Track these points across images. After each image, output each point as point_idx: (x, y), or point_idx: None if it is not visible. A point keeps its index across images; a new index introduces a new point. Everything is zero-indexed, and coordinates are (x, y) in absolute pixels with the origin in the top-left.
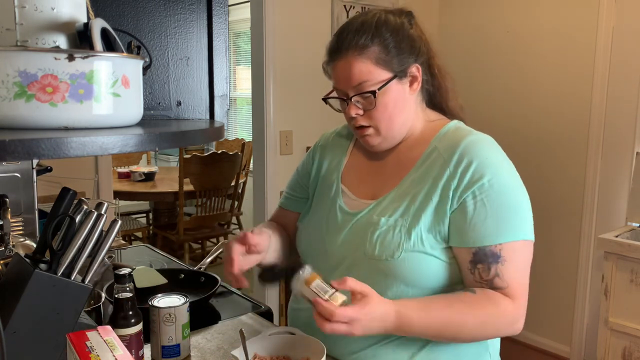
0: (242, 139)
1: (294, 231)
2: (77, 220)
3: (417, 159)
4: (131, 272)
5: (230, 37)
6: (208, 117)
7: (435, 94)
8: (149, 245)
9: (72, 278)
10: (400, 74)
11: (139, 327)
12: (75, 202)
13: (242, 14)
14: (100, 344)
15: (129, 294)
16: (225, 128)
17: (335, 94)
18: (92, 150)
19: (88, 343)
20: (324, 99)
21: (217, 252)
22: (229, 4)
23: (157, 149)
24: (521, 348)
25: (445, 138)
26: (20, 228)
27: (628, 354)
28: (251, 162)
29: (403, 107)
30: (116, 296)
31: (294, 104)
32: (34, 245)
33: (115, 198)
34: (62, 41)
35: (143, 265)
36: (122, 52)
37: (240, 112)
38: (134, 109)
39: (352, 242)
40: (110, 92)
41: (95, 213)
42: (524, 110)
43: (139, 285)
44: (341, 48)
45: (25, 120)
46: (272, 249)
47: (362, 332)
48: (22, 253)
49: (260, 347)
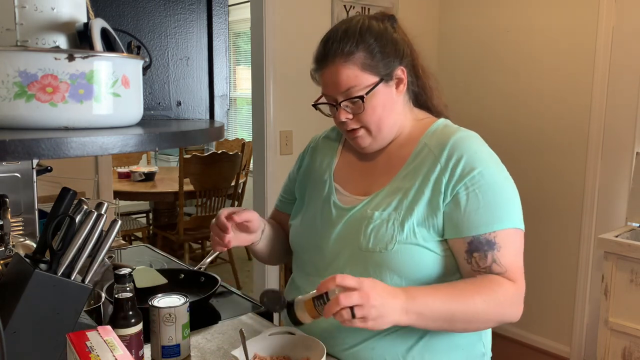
0: (242, 139)
1: (287, 230)
2: (77, 220)
3: (408, 157)
4: (131, 272)
5: (230, 37)
6: (208, 117)
7: (421, 94)
8: (149, 245)
9: (72, 278)
10: (386, 77)
11: (139, 327)
12: (75, 202)
13: (242, 14)
14: (100, 344)
15: (129, 294)
16: (225, 128)
17: (324, 100)
18: (92, 150)
19: (88, 343)
20: (314, 105)
21: (217, 252)
22: (229, 4)
23: (157, 149)
24: (521, 348)
25: (434, 135)
26: (20, 228)
27: (628, 354)
28: (251, 162)
29: (391, 109)
30: (116, 296)
31: (294, 104)
32: (34, 245)
33: (115, 198)
34: (62, 41)
35: (143, 265)
36: (122, 52)
37: (240, 112)
38: (134, 109)
39: (347, 236)
40: (110, 92)
41: (95, 213)
42: (524, 110)
43: (139, 285)
44: (328, 56)
45: (25, 120)
46: (265, 236)
47: (380, 307)
48: (22, 253)
49: (260, 347)
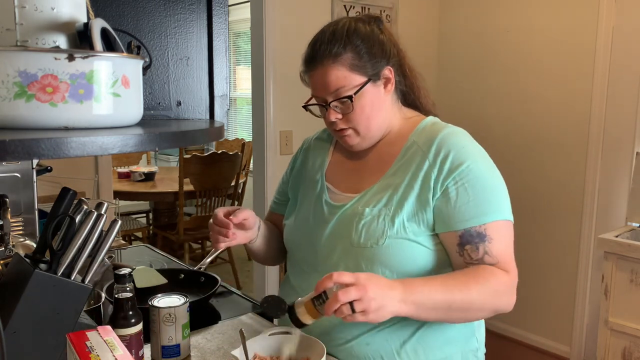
0: (242, 139)
1: (282, 232)
2: (77, 220)
3: (397, 154)
4: (131, 272)
5: (230, 37)
6: (208, 117)
7: (409, 93)
8: (149, 245)
9: (72, 278)
10: (374, 77)
11: (139, 327)
12: (75, 202)
13: (242, 14)
14: (100, 344)
15: (129, 294)
16: (225, 128)
17: (314, 101)
18: (92, 150)
19: (88, 343)
20: (304, 106)
21: (217, 252)
22: (229, 4)
23: (157, 149)
24: (521, 348)
25: (422, 133)
26: (20, 228)
27: (628, 354)
28: (251, 162)
29: (380, 108)
30: (116, 296)
31: (294, 104)
32: (34, 245)
33: (115, 198)
34: (62, 41)
35: (143, 265)
36: (122, 52)
37: (240, 112)
38: (134, 109)
39: (339, 233)
40: (110, 92)
41: (95, 213)
42: (523, 110)
43: (139, 285)
44: (316, 57)
45: (25, 120)
46: (261, 234)
47: (378, 298)
48: (22, 253)
49: (260, 347)
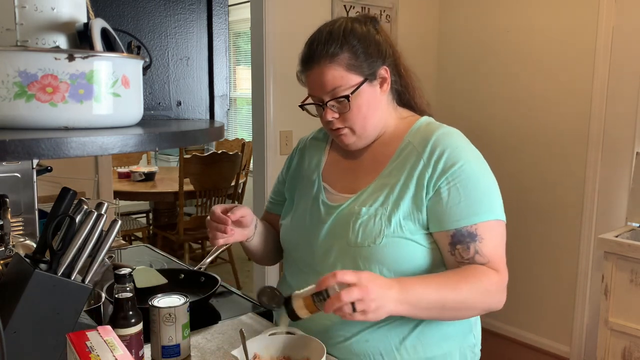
0: (242, 139)
1: (278, 232)
2: (77, 220)
3: (392, 154)
4: (131, 272)
5: (230, 37)
6: (208, 117)
7: (404, 93)
8: (149, 245)
9: (72, 278)
10: (370, 77)
11: (139, 327)
12: (75, 202)
13: (242, 14)
14: (100, 344)
15: (129, 294)
16: (225, 128)
17: (310, 100)
18: (92, 150)
19: (88, 343)
20: (301, 105)
21: (217, 252)
22: (229, 4)
23: (157, 149)
24: (521, 348)
25: (418, 133)
26: (20, 228)
27: (628, 354)
28: (251, 162)
29: (376, 108)
30: (116, 296)
31: (294, 104)
32: (34, 245)
33: (115, 198)
34: (62, 41)
35: (143, 265)
36: (122, 52)
37: (240, 112)
38: (134, 109)
39: (336, 233)
40: (110, 92)
41: (95, 213)
42: (524, 110)
43: (139, 285)
44: (313, 57)
45: (25, 120)
46: (258, 232)
47: (378, 299)
48: (22, 253)
49: (260, 347)
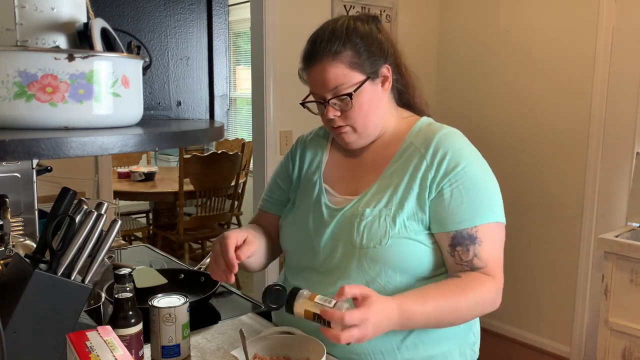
0: (242, 139)
1: (275, 232)
2: (77, 220)
3: (394, 155)
4: (131, 272)
5: (230, 37)
6: (208, 117)
7: (404, 92)
8: (149, 245)
9: (72, 278)
10: (372, 75)
11: (139, 327)
12: (75, 202)
13: (242, 14)
14: (100, 344)
15: (129, 294)
16: (225, 128)
17: (312, 98)
18: (92, 150)
19: (88, 343)
20: (302, 103)
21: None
22: (229, 4)
23: (157, 149)
24: (521, 348)
25: (419, 133)
26: (20, 228)
27: (628, 354)
28: (251, 162)
29: (377, 106)
30: (116, 296)
31: (294, 104)
32: (34, 245)
33: (115, 198)
34: (62, 41)
35: (143, 265)
36: (122, 52)
37: (240, 112)
38: (134, 109)
39: (340, 234)
40: (110, 92)
41: (95, 213)
42: (523, 110)
43: (139, 285)
44: (315, 55)
45: (25, 120)
46: (257, 251)
47: (374, 333)
48: (22, 253)
49: (260, 347)
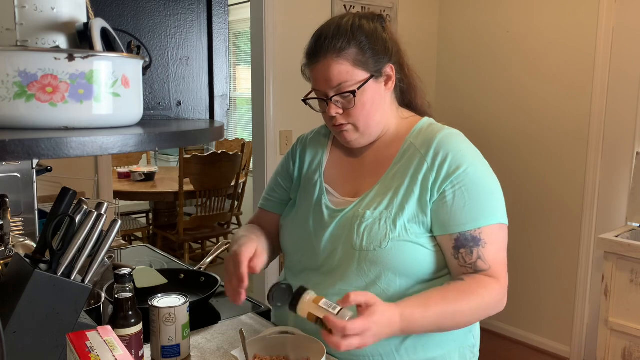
0: (242, 139)
1: (274, 231)
2: (77, 220)
3: (394, 156)
4: (131, 272)
5: (230, 37)
6: (208, 117)
7: (406, 92)
8: (149, 245)
9: (72, 278)
10: (376, 73)
11: (139, 327)
12: (75, 202)
13: (242, 14)
14: (100, 344)
15: (129, 294)
16: (225, 128)
17: (314, 95)
18: (92, 150)
19: (88, 343)
20: (304, 100)
21: (217, 252)
22: (229, 4)
23: (157, 149)
24: (521, 348)
25: (420, 134)
26: (20, 228)
27: (628, 354)
28: (251, 162)
29: (380, 105)
30: (116, 296)
31: (294, 104)
32: (34, 245)
33: (115, 198)
34: (62, 41)
35: (143, 265)
36: (122, 52)
37: (240, 112)
38: (134, 109)
39: (340, 236)
40: (110, 92)
41: (95, 213)
42: (523, 110)
43: (139, 285)
44: (320, 51)
45: (25, 120)
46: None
47: (374, 341)
48: (22, 253)
49: (260, 347)
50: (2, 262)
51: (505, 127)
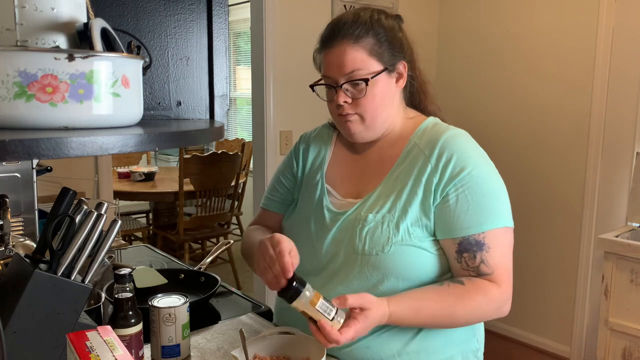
0: (242, 139)
1: (278, 231)
2: (77, 220)
3: (398, 156)
4: (131, 272)
5: (230, 37)
6: (208, 117)
7: (415, 95)
8: (149, 245)
9: (72, 278)
10: (390, 67)
11: (139, 327)
12: (75, 202)
13: (242, 14)
14: (100, 344)
15: (129, 294)
16: (225, 128)
17: (323, 82)
18: (92, 150)
19: (88, 343)
20: (312, 85)
21: (217, 252)
22: (229, 4)
23: (157, 149)
24: (521, 348)
25: (424, 134)
26: (20, 228)
27: (628, 354)
28: (251, 162)
29: (389, 102)
30: (116, 296)
31: (294, 104)
32: (34, 245)
33: (115, 198)
34: (62, 41)
35: (143, 265)
36: (122, 52)
37: (240, 112)
38: (134, 109)
39: (341, 239)
40: (110, 92)
41: (95, 213)
42: (523, 110)
43: (139, 285)
44: (337, 36)
45: (25, 120)
46: None
47: (367, 330)
48: (22, 253)
49: (260, 347)
50: (2, 262)
51: (505, 127)
